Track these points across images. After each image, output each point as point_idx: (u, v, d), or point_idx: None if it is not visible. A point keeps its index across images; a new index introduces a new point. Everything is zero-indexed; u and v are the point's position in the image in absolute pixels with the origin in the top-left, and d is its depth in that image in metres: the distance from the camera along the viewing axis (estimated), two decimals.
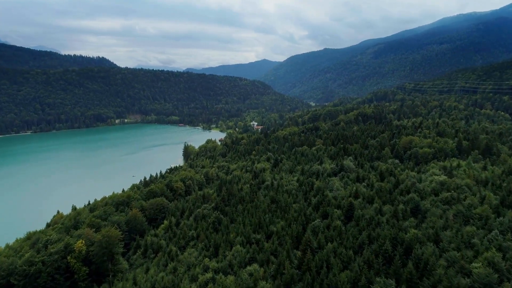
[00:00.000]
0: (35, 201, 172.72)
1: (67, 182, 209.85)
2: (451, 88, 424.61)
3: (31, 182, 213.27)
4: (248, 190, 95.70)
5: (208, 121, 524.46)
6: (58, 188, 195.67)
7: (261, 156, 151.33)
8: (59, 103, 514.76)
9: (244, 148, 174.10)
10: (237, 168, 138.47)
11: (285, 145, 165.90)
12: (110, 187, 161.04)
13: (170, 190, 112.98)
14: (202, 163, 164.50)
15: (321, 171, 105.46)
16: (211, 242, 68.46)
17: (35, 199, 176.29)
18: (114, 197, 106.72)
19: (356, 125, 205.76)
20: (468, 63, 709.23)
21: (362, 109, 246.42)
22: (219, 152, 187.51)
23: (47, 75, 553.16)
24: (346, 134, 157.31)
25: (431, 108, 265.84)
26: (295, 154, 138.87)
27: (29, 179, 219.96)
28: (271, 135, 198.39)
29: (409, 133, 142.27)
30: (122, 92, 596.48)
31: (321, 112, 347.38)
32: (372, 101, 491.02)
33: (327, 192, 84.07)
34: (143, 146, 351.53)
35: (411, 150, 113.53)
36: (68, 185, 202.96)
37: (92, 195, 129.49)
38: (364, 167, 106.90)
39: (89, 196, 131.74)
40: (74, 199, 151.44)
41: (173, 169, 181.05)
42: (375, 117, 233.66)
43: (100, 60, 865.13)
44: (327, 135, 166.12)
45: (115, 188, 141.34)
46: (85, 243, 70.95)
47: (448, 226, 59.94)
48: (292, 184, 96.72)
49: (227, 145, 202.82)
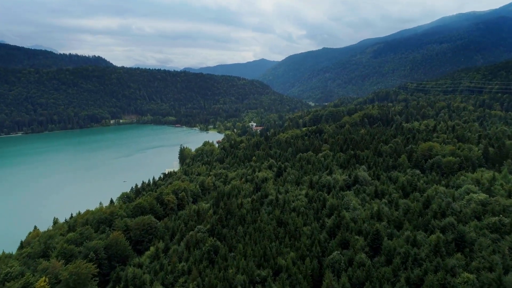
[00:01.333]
0: (18, 211, 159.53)
1: (54, 188, 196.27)
2: (455, 88, 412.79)
3: (16, 188, 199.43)
4: (250, 206, 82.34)
5: (206, 121, 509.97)
6: (44, 195, 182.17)
7: (262, 162, 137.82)
8: (52, 103, 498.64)
9: (243, 153, 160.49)
10: (236, 177, 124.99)
11: (288, 150, 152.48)
12: (99, 194, 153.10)
13: (161, 204, 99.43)
14: (198, 169, 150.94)
15: (332, 183, 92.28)
16: (205, 281, 55.02)
17: (18, 208, 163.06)
18: (96, 213, 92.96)
19: (363, 128, 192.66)
20: (469, 62, 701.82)
21: (367, 110, 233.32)
22: (216, 157, 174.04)
23: (40, 74, 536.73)
24: (355, 139, 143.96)
25: (439, 109, 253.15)
26: (300, 161, 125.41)
27: (15, 185, 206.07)
28: (272, 138, 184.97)
29: (425, 138, 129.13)
30: (118, 92, 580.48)
31: (322, 113, 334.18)
32: (374, 101, 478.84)
33: (343, 212, 70.82)
34: (138, 148, 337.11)
35: (433, 158, 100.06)
36: (55, 191, 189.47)
37: (78, 204, 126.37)
38: (381, 178, 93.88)
39: (75, 205, 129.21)
40: (58, 208, 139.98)
41: (167, 175, 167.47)
42: (381, 119, 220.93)
43: (96, 59, 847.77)
44: (334, 139, 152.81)
45: (104, 195, 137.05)
46: (49, 282, 57.36)
47: (509, 267, 46.69)
48: (300, 199, 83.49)
49: (225, 149, 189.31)
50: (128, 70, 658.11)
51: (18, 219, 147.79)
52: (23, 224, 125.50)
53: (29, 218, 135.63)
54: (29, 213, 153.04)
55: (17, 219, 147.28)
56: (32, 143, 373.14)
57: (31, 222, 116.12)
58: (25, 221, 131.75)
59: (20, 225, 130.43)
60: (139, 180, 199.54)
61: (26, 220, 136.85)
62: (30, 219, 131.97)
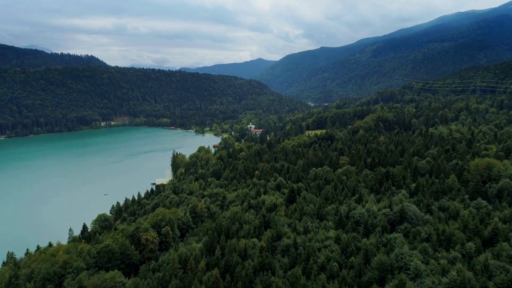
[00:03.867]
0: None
1: (28, 201, 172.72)
2: (465, 87, 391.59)
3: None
4: (258, 260, 57.55)
5: (202, 123, 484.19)
6: (16, 211, 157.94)
7: (267, 180, 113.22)
8: (39, 105, 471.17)
9: (243, 166, 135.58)
10: (236, 200, 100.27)
11: (297, 162, 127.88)
12: (74, 212, 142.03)
13: (137, 245, 74.61)
14: (190, 186, 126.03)
15: (368, 219, 67.30)
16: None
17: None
18: (46, 260, 67.75)
19: (379, 134, 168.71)
20: (472, 61, 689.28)
21: (380, 112, 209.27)
22: (211, 169, 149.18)
23: (26, 74, 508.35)
24: (378, 150, 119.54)
25: (457, 110, 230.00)
26: (316, 179, 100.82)
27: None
28: (277, 146, 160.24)
29: (475, 151, 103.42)
30: (109, 93, 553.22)
31: (326, 115, 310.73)
32: (378, 102, 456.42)
33: (403, 277, 45.89)
34: (128, 153, 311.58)
35: (500, 182, 74.05)
36: (27, 205, 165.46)
37: (45, 229, 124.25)
38: (432, 210, 69.70)
39: (42, 229, 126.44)
40: (19, 236, 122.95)
41: (154, 192, 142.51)
42: (397, 123, 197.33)
43: (89, 58, 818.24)
44: (351, 148, 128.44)
45: (81, 213, 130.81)
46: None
47: None
48: (329, 247, 58.80)
49: (222, 158, 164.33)
50: (121, 69, 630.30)
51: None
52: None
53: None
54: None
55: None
56: (15, 148, 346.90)
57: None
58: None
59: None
60: (124, 193, 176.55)
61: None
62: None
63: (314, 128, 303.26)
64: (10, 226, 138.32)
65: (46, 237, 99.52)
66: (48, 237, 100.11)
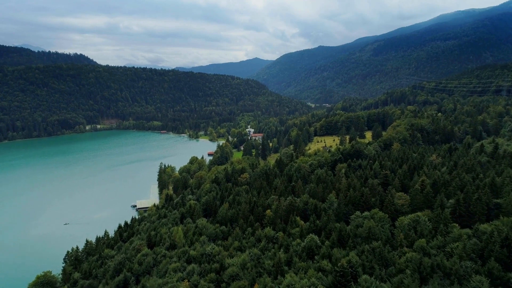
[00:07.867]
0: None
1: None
2: (485, 87, 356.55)
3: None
4: None
5: (196, 127, 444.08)
6: None
7: (288, 232, 74.81)
8: (16, 107, 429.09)
9: (247, 200, 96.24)
10: (241, 274, 61.52)
11: (326, 197, 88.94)
12: (15, 257, 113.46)
13: None
14: (171, 236, 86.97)
15: None
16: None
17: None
18: None
19: (417, 146, 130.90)
20: (478, 60, 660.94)
21: (413, 119, 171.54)
22: (204, 198, 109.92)
23: (3, 73, 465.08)
24: (446, 181, 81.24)
25: (496, 115, 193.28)
26: (370, 239, 62.33)
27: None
28: (291, 167, 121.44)
29: None
30: (96, 93, 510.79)
31: (337, 119, 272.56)
32: (388, 103, 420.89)
33: None
34: (110, 163, 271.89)
35: None
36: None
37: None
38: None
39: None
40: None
41: (126, 233, 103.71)
42: (436, 132, 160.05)
43: (77, 57, 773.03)
44: (407, 179, 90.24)
45: (23, 259, 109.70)
46: None
47: None
48: None
49: (219, 182, 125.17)
50: (108, 68, 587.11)
51: None
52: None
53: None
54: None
55: None
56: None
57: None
58: None
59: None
60: (92, 220, 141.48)
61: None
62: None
63: (323, 134, 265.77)
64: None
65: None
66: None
